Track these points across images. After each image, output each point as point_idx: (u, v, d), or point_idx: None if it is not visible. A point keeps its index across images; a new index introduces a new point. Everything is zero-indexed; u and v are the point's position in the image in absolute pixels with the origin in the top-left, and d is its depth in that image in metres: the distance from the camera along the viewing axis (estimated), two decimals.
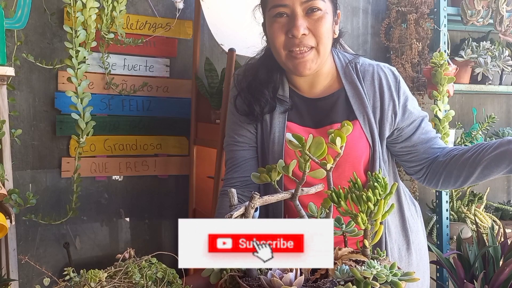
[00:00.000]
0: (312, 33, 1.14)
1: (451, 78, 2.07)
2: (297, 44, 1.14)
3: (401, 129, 1.24)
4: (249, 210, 0.86)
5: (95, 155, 2.05)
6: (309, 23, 1.13)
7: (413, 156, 1.26)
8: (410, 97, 1.26)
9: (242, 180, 1.27)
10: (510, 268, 1.19)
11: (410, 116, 1.23)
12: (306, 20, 1.13)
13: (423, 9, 2.31)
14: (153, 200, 2.18)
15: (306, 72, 1.17)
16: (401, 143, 1.26)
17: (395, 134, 1.24)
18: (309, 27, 1.14)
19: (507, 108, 2.98)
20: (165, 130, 2.17)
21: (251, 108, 1.25)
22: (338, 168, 1.15)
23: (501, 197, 2.95)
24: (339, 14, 1.23)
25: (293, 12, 1.13)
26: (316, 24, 1.14)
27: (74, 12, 1.71)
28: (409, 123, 1.24)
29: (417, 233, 1.30)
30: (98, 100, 2.02)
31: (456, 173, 1.17)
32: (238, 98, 1.29)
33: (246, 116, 1.27)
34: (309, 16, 1.14)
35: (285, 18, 1.15)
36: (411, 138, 1.25)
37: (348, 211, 0.86)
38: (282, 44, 1.16)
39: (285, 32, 1.15)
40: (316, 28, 1.14)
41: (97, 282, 0.92)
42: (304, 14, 1.13)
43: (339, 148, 0.89)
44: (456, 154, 1.18)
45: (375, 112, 1.22)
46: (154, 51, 2.13)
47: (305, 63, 1.15)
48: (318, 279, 0.85)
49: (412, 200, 1.36)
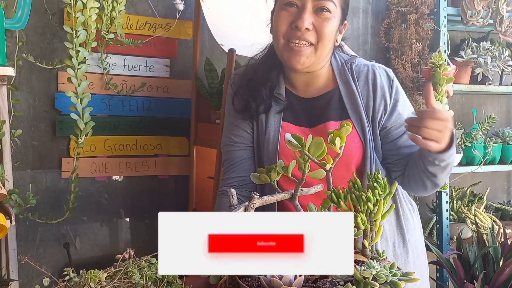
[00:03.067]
0: (316, 30, 1.16)
1: (450, 79, 2.07)
2: (297, 36, 1.16)
3: (387, 130, 1.24)
4: (249, 210, 0.86)
5: (95, 155, 2.05)
6: (315, 20, 1.16)
7: (396, 160, 1.25)
8: (403, 100, 1.26)
9: (239, 180, 1.28)
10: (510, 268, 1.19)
11: (399, 118, 1.23)
12: (314, 17, 1.15)
13: (423, 9, 2.31)
14: (153, 200, 2.18)
15: (298, 67, 1.19)
16: (386, 144, 1.25)
17: (381, 133, 1.24)
18: (314, 24, 1.16)
19: (507, 108, 2.97)
20: (165, 130, 2.17)
21: (248, 105, 1.27)
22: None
23: (501, 197, 2.95)
24: (345, 25, 1.25)
25: (303, 5, 1.15)
26: (322, 23, 1.16)
27: (74, 12, 1.71)
28: (397, 126, 1.23)
29: (413, 231, 1.31)
30: (98, 100, 2.02)
31: (412, 176, 1.20)
32: (235, 96, 1.31)
33: (242, 112, 1.28)
34: (317, 14, 1.16)
35: (294, 9, 1.17)
36: (396, 141, 1.24)
37: (348, 211, 0.86)
38: (283, 32, 1.18)
39: (290, 22, 1.17)
40: (321, 26, 1.16)
41: (96, 282, 0.92)
42: (313, 11, 1.15)
43: (338, 148, 0.89)
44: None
45: (368, 111, 1.23)
46: (154, 51, 2.13)
47: (300, 57, 1.17)
48: (317, 279, 0.85)
49: (409, 199, 1.36)
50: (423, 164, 1.15)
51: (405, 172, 1.24)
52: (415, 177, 1.20)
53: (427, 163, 1.13)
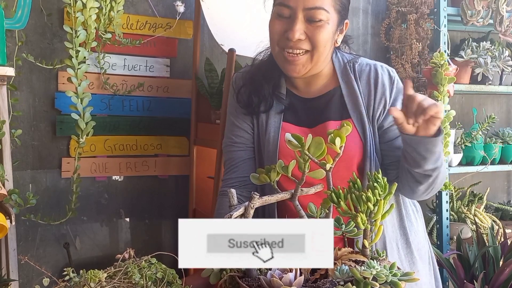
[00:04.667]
0: (309, 39, 1.15)
1: (452, 78, 2.07)
2: (290, 46, 1.15)
3: (384, 130, 1.23)
4: (249, 211, 0.86)
5: (95, 155, 2.05)
6: (307, 28, 1.14)
7: (391, 162, 1.24)
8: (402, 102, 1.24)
9: (240, 180, 1.28)
10: (510, 268, 1.19)
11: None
12: (306, 26, 1.14)
13: (423, 9, 2.30)
14: (153, 201, 2.18)
15: (294, 75, 1.19)
16: (382, 144, 1.24)
17: (378, 132, 1.23)
18: (306, 33, 1.14)
19: (507, 108, 2.97)
20: (165, 130, 2.17)
21: (250, 100, 1.27)
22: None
23: (501, 197, 2.95)
24: (346, 24, 1.23)
25: (294, 15, 1.14)
26: (314, 32, 1.14)
27: (74, 12, 1.71)
28: (395, 127, 1.21)
29: (416, 233, 1.30)
30: (98, 100, 2.02)
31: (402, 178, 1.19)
32: (239, 93, 1.31)
33: (245, 108, 1.29)
34: (309, 23, 1.14)
35: (286, 19, 1.16)
36: (393, 142, 1.23)
37: (348, 211, 0.86)
38: (277, 41, 1.18)
39: (283, 32, 1.16)
40: (314, 35, 1.14)
41: (96, 283, 0.92)
42: (304, 20, 1.14)
43: (338, 148, 0.89)
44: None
45: (369, 110, 1.22)
46: (154, 51, 2.13)
47: (295, 66, 1.17)
48: (317, 279, 0.85)
49: (413, 200, 1.36)
50: (412, 159, 1.11)
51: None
52: (403, 179, 1.18)
53: (417, 157, 1.10)
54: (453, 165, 2.34)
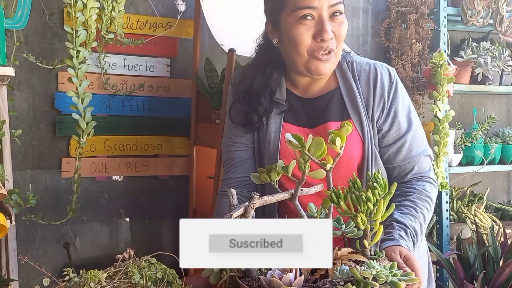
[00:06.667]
0: (335, 37, 1.15)
1: (451, 79, 2.07)
2: (324, 48, 1.14)
3: (383, 133, 1.22)
4: (249, 211, 0.86)
5: (95, 155, 2.05)
6: (333, 26, 1.14)
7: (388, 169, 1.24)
8: (402, 104, 1.22)
9: (240, 180, 1.28)
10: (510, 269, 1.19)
11: (395, 123, 1.21)
12: (331, 24, 1.14)
13: (423, 9, 2.31)
14: (153, 201, 2.18)
15: (325, 72, 1.18)
16: (381, 148, 1.23)
17: (377, 135, 1.23)
18: (333, 31, 1.14)
19: (507, 108, 2.97)
20: (165, 130, 2.17)
21: (249, 118, 1.25)
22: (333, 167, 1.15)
23: (501, 197, 2.95)
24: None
25: (320, 15, 1.12)
26: (339, 28, 1.14)
27: (74, 12, 1.71)
28: (394, 131, 1.21)
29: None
30: (98, 100, 2.02)
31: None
32: (233, 108, 1.29)
33: (244, 127, 1.27)
34: (333, 20, 1.14)
35: (310, 21, 1.13)
36: (391, 146, 1.22)
37: (348, 211, 0.86)
38: (307, 47, 1.14)
39: (312, 35, 1.13)
40: (339, 32, 1.15)
41: (96, 283, 0.92)
42: (328, 18, 1.13)
43: (338, 148, 0.89)
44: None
45: (368, 110, 1.21)
46: (155, 51, 2.13)
47: (326, 65, 1.16)
48: (317, 279, 0.85)
49: None
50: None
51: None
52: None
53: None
54: (453, 165, 2.34)
